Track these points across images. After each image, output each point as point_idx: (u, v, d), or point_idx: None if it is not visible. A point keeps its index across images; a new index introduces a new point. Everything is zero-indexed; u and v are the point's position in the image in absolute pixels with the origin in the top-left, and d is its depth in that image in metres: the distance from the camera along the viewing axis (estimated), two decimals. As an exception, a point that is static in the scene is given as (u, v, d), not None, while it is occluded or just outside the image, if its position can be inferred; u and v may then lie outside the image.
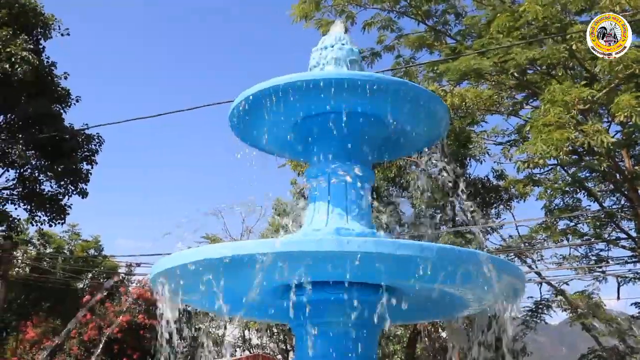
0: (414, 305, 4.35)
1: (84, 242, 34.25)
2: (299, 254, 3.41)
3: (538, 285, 22.70)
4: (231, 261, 3.50)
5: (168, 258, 3.86)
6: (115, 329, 25.02)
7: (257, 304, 4.26)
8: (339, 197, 4.41)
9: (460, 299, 4.26)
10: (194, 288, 3.90)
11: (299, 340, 4.20)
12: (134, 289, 27.46)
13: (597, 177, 22.05)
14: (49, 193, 24.77)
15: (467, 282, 3.76)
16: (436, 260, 3.45)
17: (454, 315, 4.70)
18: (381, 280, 3.79)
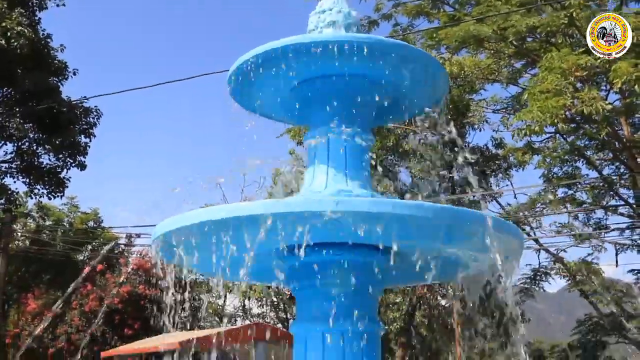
0: (414, 267, 4.37)
1: (83, 215, 34.31)
2: (299, 215, 3.41)
3: (537, 252, 22.79)
4: (231, 223, 3.50)
5: (167, 221, 3.85)
6: (116, 299, 25.20)
7: (257, 266, 4.28)
8: (338, 160, 4.41)
9: (459, 261, 4.28)
10: (194, 251, 3.91)
11: (299, 303, 4.23)
12: (134, 260, 27.56)
13: (596, 145, 22.06)
14: (48, 166, 24.77)
15: (465, 242, 3.77)
16: (434, 219, 3.45)
17: (453, 277, 4.72)
18: (380, 241, 3.79)
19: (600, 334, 24.09)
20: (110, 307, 25.18)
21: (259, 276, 4.75)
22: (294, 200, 3.71)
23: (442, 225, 3.54)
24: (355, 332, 3.98)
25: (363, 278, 4.10)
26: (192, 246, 3.82)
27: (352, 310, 4.01)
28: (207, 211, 3.60)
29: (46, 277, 29.28)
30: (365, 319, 4.08)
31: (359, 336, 3.99)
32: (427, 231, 3.58)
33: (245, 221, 3.46)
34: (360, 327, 4.01)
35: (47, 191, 25.08)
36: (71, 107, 22.99)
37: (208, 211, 3.59)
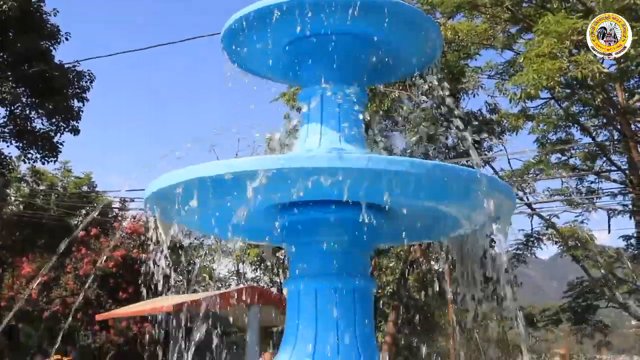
0: (407, 226, 4.40)
1: (77, 179, 34.25)
2: (293, 171, 3.43)
3: (529, 217, 22.90)
4: (225, 179, 3.51)
5: (160, 179, 3.85)
6: (110, 263, 25.29)
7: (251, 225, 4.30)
8: (331, 118, 4.41)
9: (451, 219, 4.31)
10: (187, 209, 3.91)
11: (292, 260, 4.26)
12: (128, 224, 27.60)
13: (590, 111, 22.08)
14: (41, 131, 24.68)
15: (458, 200, 3.79)
16: (428, 176, 3.47)
17: (445, 236, 4.76)
18: (374, 198, 3.82)
19: (590, 298, 24.32)
20: (105, 271, 25.28)
21: (253, 235, 4.78)
22: (288, 156, 3.72)
23: (436, 182, 3.56)
24: (348, 288, 4.03)
25: (356, 236, 4.13)
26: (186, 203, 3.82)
27: (345, 267, 4.06)
28: (201, 167, 3.60)
29: (41, 242, 29.30)
30: (358, 276, 4.13)
31: (351, 292, 4.03)
32: (421, 188, 3.60)
33: (239, 177, 3.46)
34: (352, 283, 4.05)
35: (40, 156, 25.04)
36: (63, 71, 22.84)
37: (202, 167, 3.60)
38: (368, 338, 4.03)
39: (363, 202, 3.93)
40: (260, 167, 3.40)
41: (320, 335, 3.94)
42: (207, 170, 3.56)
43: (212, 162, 3.58)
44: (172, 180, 3.74)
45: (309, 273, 4.05)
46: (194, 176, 3.61)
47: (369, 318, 4.14)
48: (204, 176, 3.57)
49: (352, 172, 3.42)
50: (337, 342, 3.90)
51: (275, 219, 4.22)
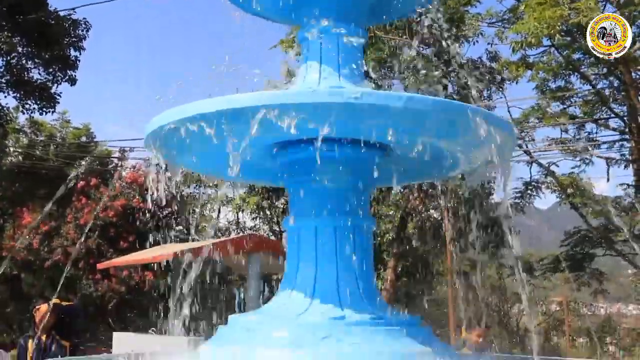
0: (407, 165, 4.40)
1: (75, 130, 34.16)
2: (293, 106, 3.40)
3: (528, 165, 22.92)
4: (224, 115, 3.48)
5: (161, 116, 3.83)
6: (111, 212, 25.36)
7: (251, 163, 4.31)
8: (331, 57, 4.37)
9: (451, 158, 4.31)
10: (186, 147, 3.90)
11: (292, 198, 4.28)
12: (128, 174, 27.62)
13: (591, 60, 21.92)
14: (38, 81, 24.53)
15: (458, 136, 3.79)
16: (429, 111, 3.45)
17: (446, 175, 4.77)
18: (374, 136, 3.81)
19: (588, 246, 24.45)
20: (105, 220, 25.37)
21: (253, 175, 4.79)
22: (288, 92, 3.70)
23: (437, 118, 3.54)
24: (347, 226, 4.04)
25: (356, 174, 4.14)
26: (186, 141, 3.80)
27: (345, 205, 4.06)
28: (201, 103, 3.58)
29: (40, 192, 29.34)
30: (357, 214, 4.14)
31: (351, 230, 4.05)
32: (421, 124, 3.59)
33: (239, 113, 3.44)
34: (352, 221, 4.07)
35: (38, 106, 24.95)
36: (59, 20, 22.61)
37: (202, 103, 3.57)
38: (367, 275, 4.06)
39: (362, 140, 3.94)
40: (260, 102, 3.37)
41: (321, 272, 3.98)
42: (207, 106, 3.53)
43: (212, 98, 3.55)
44: (172, 117, 3.71)
45: (309, 211, 4.07)
46: (195, 112, 3.58)
47: (368, 256, 4.18)
48: (204, 112, 3.54)
49: (352, 107, 3.39)
50: (337, 280, 3.93)
51: (276, 158, 4.22)
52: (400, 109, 3.41)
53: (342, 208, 4.05)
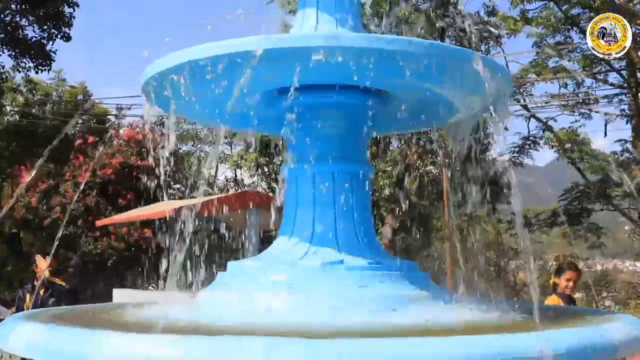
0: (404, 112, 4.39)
1: (72, 88, 34.03)
2: (289, 51, 3.38)
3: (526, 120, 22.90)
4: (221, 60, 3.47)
5: (156, 63, 3.80)
6: (109, 170, 25.41)
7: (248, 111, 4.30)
8: (328, 5, 4.33)
9: (448, 105, 4.30)
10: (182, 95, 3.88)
11: (290, 146, 4.27)
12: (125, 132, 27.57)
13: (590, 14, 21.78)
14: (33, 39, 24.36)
15: (455, 81, 3.77)
16: (425, 55, 3.43)
17: (442, 123, 4.77)
18: (371, 81, 3.80)
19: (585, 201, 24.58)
20: (103, 178, 25.43)
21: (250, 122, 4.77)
22: (284, 36, 3.67)
23: (433, 62, 3.52)
24: (345, 172, 4.05)
25: (353, 120, 4.13)
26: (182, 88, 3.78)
27: (342, 152, 4.07)
28: (196, 49, 3.55)
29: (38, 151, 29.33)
30: (355, 161, 4.15)
31: (349, 176, 4.06)
32: (418, 68, 3.56)
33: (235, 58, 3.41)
34: (349, 167, 4.08)
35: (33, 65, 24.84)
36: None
37: (198, 49, 3.54)
38: (366, 221, 4.08)
39: (360, 86, 3.93)
40: (256, 46, 3.35)
41: (319, 218, 3.99)
42: (204, 52, 3.50)
43: (209, 43, 3.52)
44: (168, 64, 3.69)
45: (307, 158, 4.06)
46: (190, 58, 3.55)
47: (366, 202, 4.19)
48: (199, 58, 3.51)
49: (349, 51, 3.37)
50: (335, 225, 3.95)
51: (270, 106, 4.21)
52: (398, 52, 3.39)
53: (340, 154, 4.06)
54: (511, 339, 2.77)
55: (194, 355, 2.58)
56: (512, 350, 2.68)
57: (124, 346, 2.72)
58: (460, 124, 4.57)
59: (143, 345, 2.68)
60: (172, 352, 2.62)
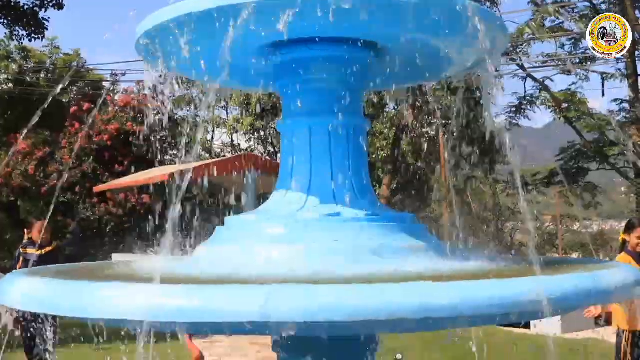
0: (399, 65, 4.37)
1: (66, 56, 33.88)
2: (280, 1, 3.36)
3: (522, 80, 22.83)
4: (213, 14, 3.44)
5: (149, 18, 3.78)
6: (105, 136, 25.40)
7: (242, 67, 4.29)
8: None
9: (444, 57, 4.28)
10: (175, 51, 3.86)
11: (285, 100, 4.27)
12: (120, 98, 27.50)
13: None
14: (25, 6, 24.19)
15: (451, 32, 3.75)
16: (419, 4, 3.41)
17: (438, 76, 4.76)
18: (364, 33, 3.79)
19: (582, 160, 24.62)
20: (100, 144, 25.42)
21: (246, 80, 4.76)
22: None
23: (427, 12, 3.50)
24: (341, 125, 4.04)
25: (347, 74, 4.11)
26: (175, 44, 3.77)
27: (337, 105, 4.05)
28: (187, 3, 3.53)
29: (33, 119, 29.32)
30: (351, 114, 4.14)
31: (345, 130, 4.06)
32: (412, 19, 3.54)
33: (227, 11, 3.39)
34: (346, 121, 4.07)
35: (27, 33, 24.69)
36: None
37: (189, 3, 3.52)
38: (362, 174, 4.09)
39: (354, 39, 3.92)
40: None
41: (315, 172, 4.00)
42: (195, 6, 3.48)
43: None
44: (160, 19, 3.67)
45: (303, 112, 4.06)
46: (181, 12, 3.53)
47: (363, 155, 4.19)
48: (191, 12, 3.49)
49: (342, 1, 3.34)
50: (332, 178, 3.96)
51: (269, 60, 4.20)
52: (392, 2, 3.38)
53: (336, 108, 4.04)
54: (506, 283, 2.80)
55: (193, 303, 2.61)
56: (507, 295, 2.72)
57: (122, 297, 2.75)
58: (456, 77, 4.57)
59: (142, 295, 2.71)
60: (171, 301, 2.65)
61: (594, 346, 11.46)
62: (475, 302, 2.64)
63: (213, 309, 2.58)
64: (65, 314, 2.91)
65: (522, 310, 2.76)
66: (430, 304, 2.59)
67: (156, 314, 2.64)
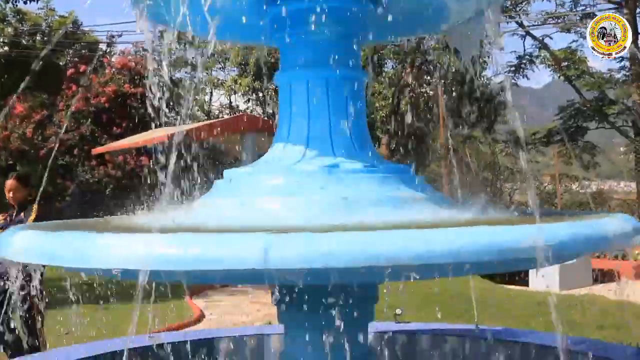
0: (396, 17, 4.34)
1: (61, 18, 33.59)
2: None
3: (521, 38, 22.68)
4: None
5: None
6: (102, 98, 25.28)
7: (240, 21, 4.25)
8: None
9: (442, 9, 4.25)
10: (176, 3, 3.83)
11: (283, 53, 4.24)
12: (117, 59, 27.32)
13: None
14: (19, -32, 23.99)
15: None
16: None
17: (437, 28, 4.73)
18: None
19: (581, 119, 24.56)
20: (97, 106, 25.33)
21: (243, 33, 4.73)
22: None
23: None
24: (339, 77, 4.02)
25: (346, 26, 4.08)
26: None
27: (336, 57, 4.02)
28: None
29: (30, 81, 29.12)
30: (349, 66, 4.11)
31: (342, 82, 4.03)
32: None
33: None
34: (343, 73, 4.04)
35: (21, -5, 24.50)
36: None
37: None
38: (361, 126, 4.07)
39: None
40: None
41: (313, 124, 3.99)
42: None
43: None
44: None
45: (299, 64, 4.04)
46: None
47: (361, 107, 4.17)
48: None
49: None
50: (330, 130, 3.95)
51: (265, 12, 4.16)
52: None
53: (334, 60, 4.01)
54: (506, 229, 2.81)
55: (193, 251, 2.62)
56: (507, 241, 2.72)
57: (123, 246, 2.76)
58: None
59: (143, 243, 2.72)
60: (170, 250, 2.65)
61: (592, 302, 11.57)
62: (474, 247, 2.65)
63: (213, 257, 2.58)
64: (68, 264, 2.93)
65: (521, 256, 2.76)
66: (429, 250, 2.60)
67: (157, 263, 2.64)
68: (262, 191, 3.64)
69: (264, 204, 3.51)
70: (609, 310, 10.30)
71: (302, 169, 3.73)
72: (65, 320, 10.94)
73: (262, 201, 3.53)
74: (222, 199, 3.79)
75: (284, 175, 3.71)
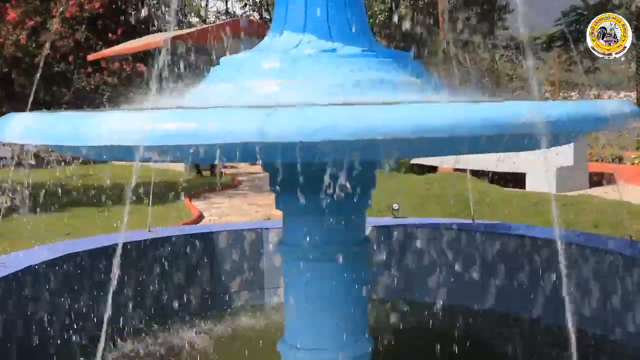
0: None
1: None
2: None
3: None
4: None
5: None
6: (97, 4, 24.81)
7: None
8: None
9: None
10: None
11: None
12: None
13: None
14: None
15: None
16: None
17: None
18: None
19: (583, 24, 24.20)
20: (91, 12, 24.87)
21: None
22: None
23: None
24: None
25: None
26: None
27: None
28: None
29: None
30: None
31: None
32: None
33: None
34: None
35: None
36: None
37: None
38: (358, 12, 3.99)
39: None
40: None
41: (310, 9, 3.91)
42: None
43: None
44: None
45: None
46: None
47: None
48: None
49: None
50: (327, 15, 3.89)
51: None
52: None
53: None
54: (503, 105, 2.80)
55: (189, 125, 2.60)
56: (504, 115, 2.71)
57: (121, 122, 2.75)
58: None
59: (139, 119, 2.71)
60: (166, 125, 2.64)
61: (587, 202, 11.68)
62: (470, 122, 2.63)
63: (209, 130, 2.56)
64: (66, 142, 2.92)
65: (520, 131, 2.75)
66: (426, 124, 2.58)
67: (152, 138, 2.63)
68: (260, 75, 3.62)
69: (262, 87, 3.49)
70: (605, 209, 10.42)
71: (299, 53, 3.70)
72: (70, 222, 11.13)
73: (259, 83, 3.51)
74: (218, 83, 3.77)
75: (281, 60, 3.67)
